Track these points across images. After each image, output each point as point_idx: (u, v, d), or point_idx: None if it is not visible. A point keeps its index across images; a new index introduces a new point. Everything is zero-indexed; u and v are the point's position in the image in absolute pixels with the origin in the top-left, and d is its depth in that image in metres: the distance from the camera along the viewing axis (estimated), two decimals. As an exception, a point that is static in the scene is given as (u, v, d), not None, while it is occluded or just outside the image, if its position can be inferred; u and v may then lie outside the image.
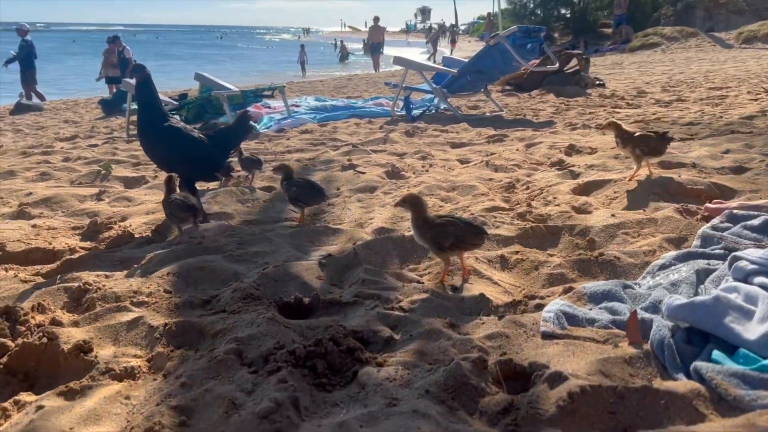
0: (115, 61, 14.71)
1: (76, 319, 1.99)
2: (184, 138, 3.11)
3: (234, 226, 3.08)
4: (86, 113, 11.32)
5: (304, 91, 13.62)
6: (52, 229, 3.16)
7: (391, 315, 1.88)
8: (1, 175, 4.91)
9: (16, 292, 2.21)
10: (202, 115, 7.80)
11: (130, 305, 2.04)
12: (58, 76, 24.41)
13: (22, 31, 14.09)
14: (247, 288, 2.10)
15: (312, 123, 7.86)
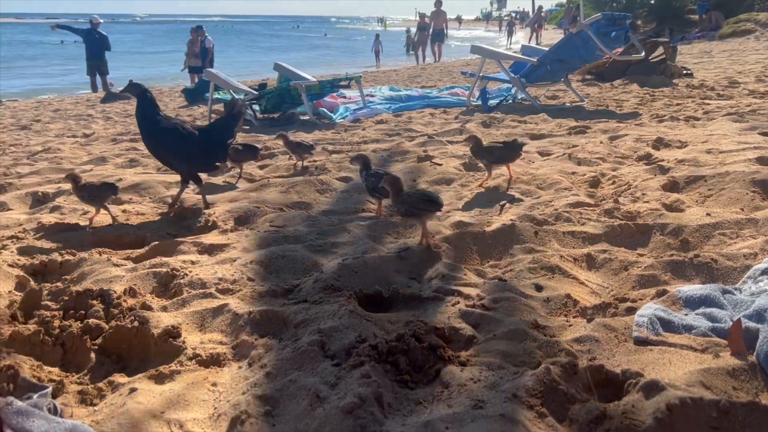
0: (197, 51, 15.22)
1: (164, 304, 2.05)
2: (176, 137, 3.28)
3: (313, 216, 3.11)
4: (170, 102, 11.77)
5: (378, 81, 13.64)
6: (140, 215, 3.29)
7: (473, 313, 1.84)
8: (93, 161, 5.17)
9: (109, 275, 2.31)
10: (280, 105, 7.93)
11: (215, 292, 2.10)
12: (145, 65, 25.51)
13: (94, 23, 14.73)
14: (328, 279, 2.11)
15: (387, 113, 7.86)
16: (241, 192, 3.63)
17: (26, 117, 9.87)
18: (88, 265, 2.46)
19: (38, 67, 25.58)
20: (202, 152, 3.34)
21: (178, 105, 10.90)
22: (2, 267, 2.43)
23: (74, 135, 7.38)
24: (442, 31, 22.10)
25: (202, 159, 3.39)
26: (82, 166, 4.97)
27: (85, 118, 9.32)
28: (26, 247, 2.69)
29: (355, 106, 8.32)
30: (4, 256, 2.55)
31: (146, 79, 19.88)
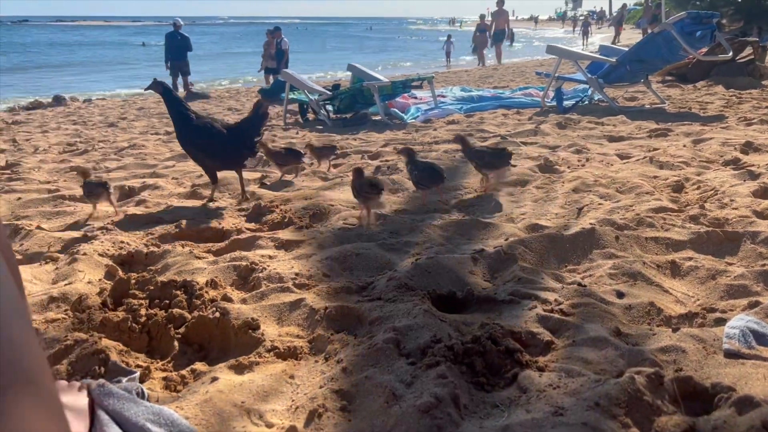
0: (273, 52, 15.62)
1: (244, 297, 2.11)
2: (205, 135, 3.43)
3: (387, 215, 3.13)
4: (247, 101, 12.12)
5: (449, 82, 13.58)
6: (221, 210, 3.40)
7: (551, 318, 1.80)
8: (175, 158, 5.39)
9: (192, 267, 2.40)
10: (353, 105, 8.03)
11: (292, 287, 2.14)
12: (225, 66, 26.39)
13: (177, 25, 15.31)
14: (402, 278, 2.11)
15: (458, 114, 7.81)
16: (315, 190, 3.69)
17: (113, 115, 10.41)
18: (172, 257, 2.56)
19: (124, 68, 26.91)
20: (230, 149, 3.48)
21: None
22: (93, 256, 2.56)
23: (157, 132, 7.72)
24: (504, 32, 21.24)
25: (231, 157, 3.53)
26: (164, 162, 5.19)
27: (166, 117, 9.70)
28: (114, 238, 2.83)
29: (427, 106, 8.31)
30: (95, 245, 2.69)
31: (222, 80, 20.59)
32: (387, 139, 6.03)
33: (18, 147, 6.99)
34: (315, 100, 8.01)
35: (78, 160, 5.62)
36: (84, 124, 9.30)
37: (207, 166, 3.60)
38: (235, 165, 3.62)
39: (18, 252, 2.81)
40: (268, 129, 7.44)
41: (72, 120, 9.96)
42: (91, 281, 2.32)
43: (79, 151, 6.20)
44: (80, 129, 8.60)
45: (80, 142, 7.12)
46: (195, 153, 3.58)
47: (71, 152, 6.25)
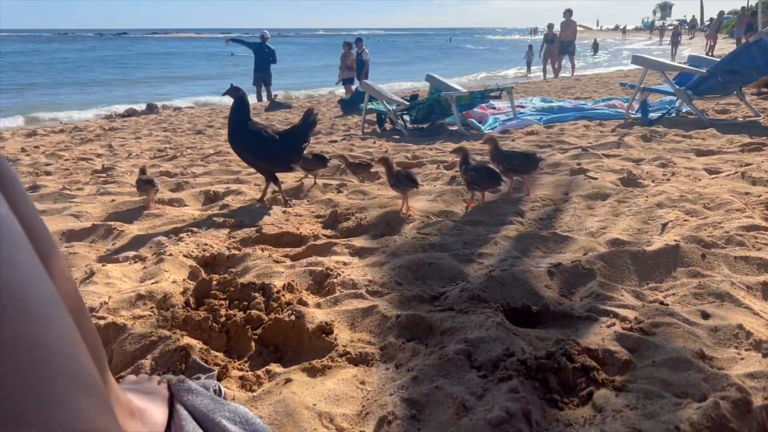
0: (349, 63, 15.90)
1: (318, 301, 2.16)
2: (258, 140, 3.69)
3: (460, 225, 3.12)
4: (327, 111, 12.40)
5: (529, 92, 13.37)
6: (299, 216, 3.49)
7: (630, 336, 1.73)
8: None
9: (270, 270, 2.47)
10: (430, 116, 8.05)
11: (365, 293, 2.17)
12: (304, 76, 27.11)
13: (264, 37, 15.85)
14: (475, 289, 2.10)
15: (537, 124, 7.67)
16: (390, 198, 3.72)
17: (201, 123, 10.90)
18: (252, 260, 2.65)
19: (213, 78, 28.10)
20: (281, 154, 3.75)
21: (334, 114, 11.44)
22: (178, 257, 2.69)
23: (241, 140, 8.01)
24: (571, 44, 19.87)
25: (281, 160, 3.78)
26: (247, 168, 5.38)
27: (250, 125, 10.08)
28: (199, 240, 2.97)
29: (505, 116, 8.22)
30: (180, 247, 2.83)
31: (306, 89, 21.13)
32: (463, 149, 6.01)
33: (113, 152, 7.45)
34: (393, 110, 8.09)
35: (167, 165, 5.91)
36: (174, 131, 9.79)
37: (261, 168, 3.86)
38: (285, 167, 3.86)
39: (110, 250, 2.99)
40: (347, 138, 7.57)
41: (163, 127, 10.51)
42: (175, 281, 2.44)
43: (168, 157, 6.53)
44: (170, 136, 9.06)
45: (170, 148, 7.50)
46: (249, 156, 3.83)
47: (161, 157, 6.59)
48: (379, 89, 8.30)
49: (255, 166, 3.90)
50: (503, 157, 3.63)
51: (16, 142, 9.22)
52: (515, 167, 3.56)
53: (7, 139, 9.75)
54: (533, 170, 3.69)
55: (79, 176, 5.55)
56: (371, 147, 6.54)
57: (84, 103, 18.69)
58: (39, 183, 5.09)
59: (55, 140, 9.28)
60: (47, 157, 7.19)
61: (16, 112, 16.64)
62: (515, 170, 3.59)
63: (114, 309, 2.17)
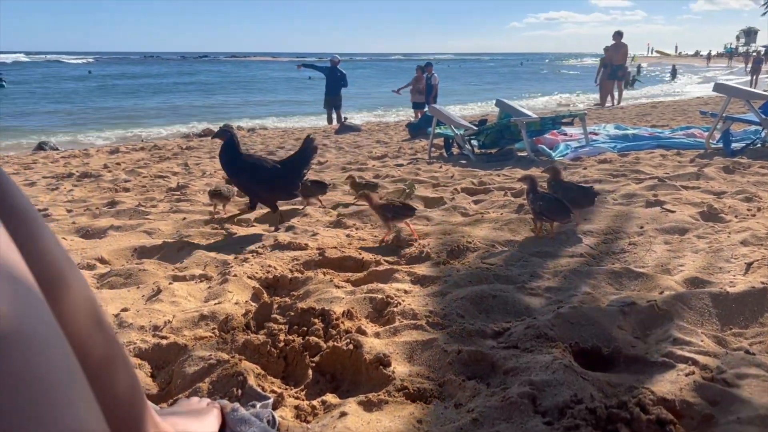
0: (421, 88, 15.98)
1: (377, 330, 2.11)
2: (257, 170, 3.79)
3: (526, 257, 3.01)
4: (395, 134, 12.47)
5: (602, 119, 13.02)
6: (361, 240, 3.48)
7: (712, 387, 1.59)
8: (324, 187, 5.63)
9: (330, 296, 2.45)
10: (498, 141, 7.94)
11: (425, 325, 2.11)
12: (375, 100, 27.48)
13: (334, 62, 16.19)
14: (542, 326, 2.00)
15: (611, 152, 7.42)
16: (455, 225, 3.65)
17: (273, 144, 11.17)
18: (314, 284, 2.64)
19: (289, 100, 28.90)
20: (282, 183, 3.84)
21: (401, 138, 11.49)
22: (242, 278, 2.72)
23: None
24: (621, 68, 18.11)
25: (283, 188, 3.87)
26: (313, 190, 5.45)
27: (321, 147, 10.24)
28: (263, 262, 2.99)
29: (577, 143, 8.00)
30: (245, 268, 2.86)
31: (374, 112, 21.36)
32: (532, 176, 5.87)
33: (188, 171, 7.72)
34: (460, 135, 8.03)
35: (238, 185, 6.06)
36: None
37: (262, 196, 3.92)
38: (288, 196, 3.96)
39: (178, 269, 3.06)
40: (413, 162, 7.56)
41: (236, 147, 10.83)
42: (238, 302, 2.46)
43: (239, 177, 6.71)
44: (242, 156, 9.32)
45: (241, 168, 7.70)
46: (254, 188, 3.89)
47: (233, 177, 6.77)
48: (448, 113, 8.26)
49: (258, 197, 3.96)
50: (560, 189, 3.51)
51: (99, 159, 9.72)
52: (570, 200, 3.42)
53: (92, 156, 10.30)
54: (588, 206, 3.55)
55: (154, 193, 5.76)
56: (437, 171, 6.50)
57: (164, 123, 19.60)
58: (117, 199, 5.31)
59: (136, 158, 9.72)
60: (127, 173, 7.53)
61: (104, 128, 17.63)
62: (572, 203, 3.45)
63: (177, 328, 2.19)
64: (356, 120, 17.85)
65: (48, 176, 7.73)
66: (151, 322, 2.27)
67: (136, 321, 2.27)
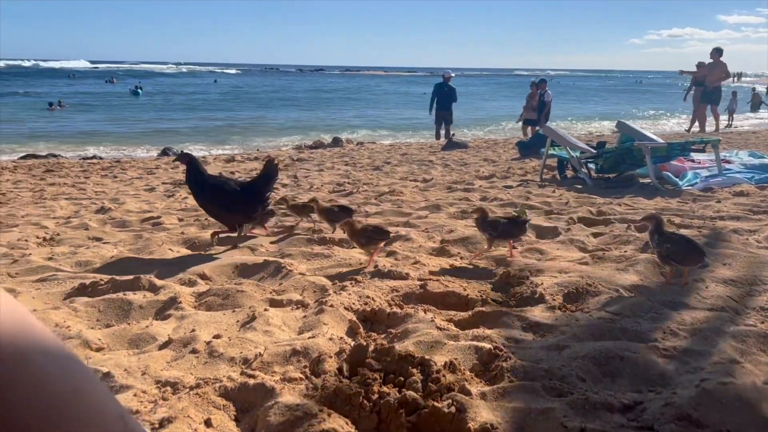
0: (534, 104, 15.46)
1: (484, 390, 1.86)
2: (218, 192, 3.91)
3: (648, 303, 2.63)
4: (503, 153, 12.06)
5: (732, 144, 11.94)
6: (467, 270, 3.22)
7: None
8: (428, 207, 5.43)
9: (431, 339, 2.23)
10: (618, 165, 7.39)
11: (541, 389, 1.83)
12: (486, 116, 27.08)
13: (446, 77, 15.99)
14: (684, 405, 1.66)
15: (748, 184, 6.67)
16: (572, 262, 3.32)
17: (379, 159, 11.14)
18: (413, 322, 2.43)
19: (399, 115, 29.11)
20: (245, 205, 3.93)
21: (510, 157, 11.09)
22: (339, 309, 2.56)
23: (415, 179, 7.98)
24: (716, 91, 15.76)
25: (246, 210, 3.96)
26: (418, 211, 5.25)
27: (426, 164, 10.08)
28: (361, 292, 2.82)
29: (708, 172, 7.29)
30: (342, 297, 2.70)
31: (482, 128, 21.01)
32: (657, 207, 5.35)
33: (297, 183, 7.80)
34: (576, 158, 7.56)
35: (343, 201, 5.99)
36: (354, 165, 10.09)
37: (226, 219, 4.01)
38: (251, 217, 4.03)
39: (276, 292, 2.96)
40: (523, 184, 7.19)
41: (344, 161, 10.90)
42: (332, 337, 2.29)
43: (345, 192, 6.65)
44: (350, 170, 9.33)
45: (348, 183, 7.67)
46: (214, 209, 4.01)
47: (339, 192, 6.74)
48: (563, 134, 7.82)
49: (221, 219, 4.04)
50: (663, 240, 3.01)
51: (216, 167, 10.10)
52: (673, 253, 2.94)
53: (209, 164, 10.73)
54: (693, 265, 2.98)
55: (261, 205, 5.81)
56: (550, 196, 6.10)
57: (277, 134, 20.30)
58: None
59: (249, 167, 10.01)
60: (238, 183, 7.71)
61: (225, 137, 18.52)
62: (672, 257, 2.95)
63: (267, 363, 2.06)
64: (464, 136, 17.56)
65: (167, 182, 8.09)
66: (242, 353, 2.15)
67: (227, 351, 2.16)
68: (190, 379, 1.95)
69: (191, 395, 1.79)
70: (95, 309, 2.71)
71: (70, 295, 2.94)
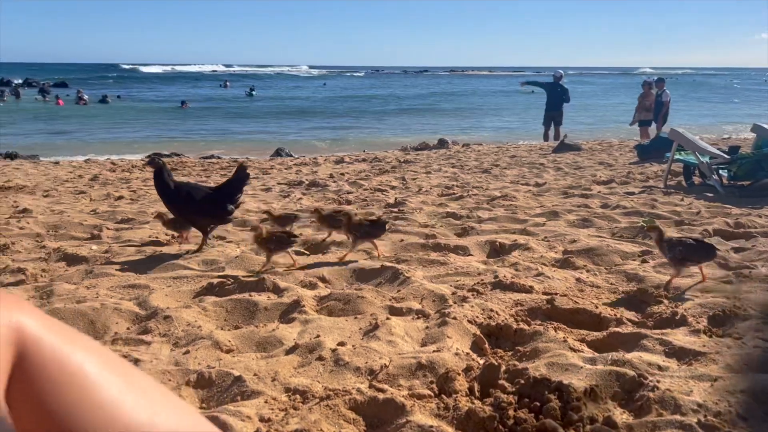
0: (648, 105, 14.59)
1: (629, 422, 1.71)
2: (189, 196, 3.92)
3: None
4: (620, 156, 11.46)
5: None
6: (595, 287, 3.04)
7: None
8: (545, 214, 5.21)
9: (566, 361, 2.10)
10: (755, 173, 6.77)
11: (696, 425, 1.65)
12: (597, 117, 26.00)
13: (557, 77, 15.41)
14: None
15: None
16: (713, 282, 3.04)
17: (487, 161, 10.93)
18: (543, 341, 2.30)
19: (504, 115, 28.58)
20: (212, 208, 3.96)
21: (627, 160, 10.51)
22: (462, 322, 2.48)
23: (527, 183, 7.74)
24: None
25: (213, 213, 3.99)
26: (534, 218, 5.05)
27: (538, 167, 9.75)
28: (484, 304, 2.72)
29: None
30: (465, 309, 2.62)
31: (597, 130, 20.16)
32: (805, 220, 4.83)
33: (405, 185, 7.79)
34: (706, 163, 7.01)
35: (453, 205, 5.90)
36: (461, 168, 9.95)
37: (198, 222, 4.02)
38: (223, 219, 4.10)
39: (395, 299, 2.92)
40: (646, 191, 6.77)
41: (451, 163, 10.79)
42: (458, 352, 2.21)
43: (455, 196, 6.55)
44: (457, 173, 9.21)
45: (456, 186, 7.56)
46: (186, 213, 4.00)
47: (448, 196, 6.64)
48: (691, 138, 7.27)
49: (191, 221, 4.07)
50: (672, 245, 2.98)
51: (326, 168, 10.33)
52: None
53: (320, 165, 11.00)
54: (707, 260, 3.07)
55: (373, 208, 5.84)
56: (678, 205, 5.69)
57: (381, 135, 20.53)
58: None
59: (358, 169, 10.14)
60: (350, 185, 7.83)
61: (331, 139, 18.99)
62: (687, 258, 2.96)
63: (393, 376, 2.02)
64: (575, 138, 16.90)
65: (282, 183, 8.36)
66: (367, 363, 2.12)
67: (352, 360, 2.14)
68: (319, 388, 1.95)
69: (322, 407, 1.78)
70: (223, 309, 2.80)
71: (198, 294, 3.06)
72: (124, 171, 10.15)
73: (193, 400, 1.94)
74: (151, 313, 2.72)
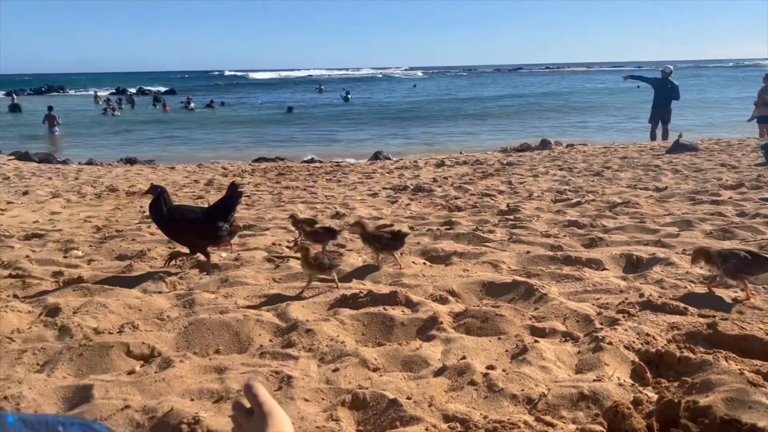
0: (768, 99, 13.48)
1: None
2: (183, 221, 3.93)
3: None
4: (742, 157, 10.63)
5: None
6: (756, 309, 2.77)
7: None
8: (677, 223, 4.87)
9: (747, 398, 1.89)
10: None
11: None
12: (712, 115, 24.44)
13: (665, 72, 14.54)
14: None
15: None
16: None
17: (596, 162, 10.46)
18: (715, 373, 2.11)
19: (607, 113, 27.44)
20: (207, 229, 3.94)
21: (752, 161, 9.73)
22: (618, 347, 2.32)
23: (646, 187, 7.32)
24: None
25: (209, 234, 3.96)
26: (665, 227, 4.74)
27: (653, 169, 9.21)
28: (638, 328, 2.54)
29: None
30: (618, 333, 2.45)
31: (711, 129, 18.95)
32: None
33: (514, 189, 7.58)
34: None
35: (572, 212, 5.66)
36: (570, 170, 9.58)
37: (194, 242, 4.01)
38: (217, 240, 4.05)
39: (535, 318, 2.80)
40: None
41: (557, 165, 10.41)
42: (620, 382, 2.07)
43: (571, 202, 6.28)
44: (567, 176, 8.87)
45: (569, 190, 7.27)
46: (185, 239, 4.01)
47: (563, 202, 6.38)
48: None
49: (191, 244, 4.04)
50: None
51: (428, 171, 10.27)
52: None
53: (421, 168, 10.96)
54: None
55: (486, 215, 5.70)
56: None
57: (478, 136, 20.25)
58: (452, 219, 5.37)
59: (460, 172, 10.01)
60: (455, 189, 7.72)
61: (427, 143, 18.96)
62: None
63: (553, 406, 1.91)
64: (689, 137, 15.90)
65: (387, 187, 8.38)
66: (524, 391, 2.02)
67: (507, 387, 2.05)
68: (477, 417, 1.87)
69: (488, 439, 1.69)
70: (360, 323, 2.78)
71: (333, 306, 3.07)
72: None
73: (349, 422, 1.92)
74: (291, 325, 2.74)
